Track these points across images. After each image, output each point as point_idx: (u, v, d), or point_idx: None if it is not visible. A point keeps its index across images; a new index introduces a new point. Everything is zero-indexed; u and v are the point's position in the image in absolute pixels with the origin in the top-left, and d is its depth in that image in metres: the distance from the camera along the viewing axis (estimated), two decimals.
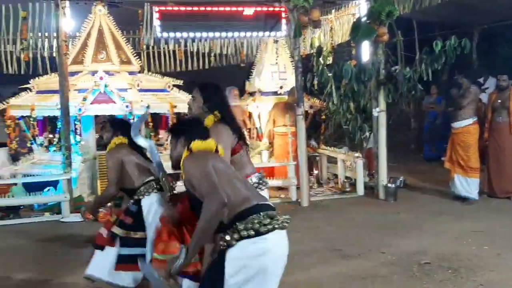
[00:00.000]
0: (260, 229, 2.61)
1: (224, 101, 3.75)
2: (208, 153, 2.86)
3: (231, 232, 2.63)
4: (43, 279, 4.93)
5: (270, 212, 2.69)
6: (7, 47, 9.12)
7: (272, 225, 2.65)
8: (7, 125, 8.35)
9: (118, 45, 8.88)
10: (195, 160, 2.78)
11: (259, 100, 9.43)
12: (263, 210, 2.67)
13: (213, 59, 10.18)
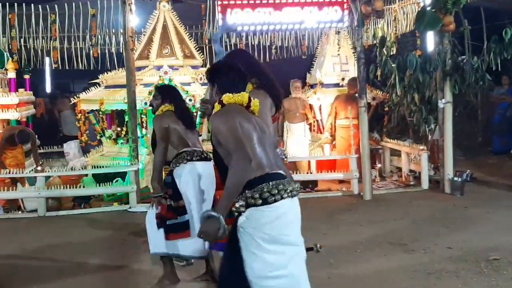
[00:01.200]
0: (268, 198, 2.63)
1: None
2: (237, 109, 2.78)
3: (240, 199, 2.64)
4: (113, 265, 5.14)
5: (280, 181, 2.69)
6: (78, 44, 9.49)
7: (280, 194, 2.65)
8: (78, 118, 8.74)
9: (181, 40, 9.08)
10: (223, 115, 2.74)
11: (320, 92, 9.37)
12: (273, 179, 2.68)
13: (275, 52, 10.18)
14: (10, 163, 7.64)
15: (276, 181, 2.68)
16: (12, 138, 7.59)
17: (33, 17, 8.64)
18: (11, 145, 7.71)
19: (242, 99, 2.81)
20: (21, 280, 4.75)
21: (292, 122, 8.74)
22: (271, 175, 2.70)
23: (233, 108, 2.78)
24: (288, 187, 2.71)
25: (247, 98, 2.83)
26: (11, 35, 8.68)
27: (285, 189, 2.69)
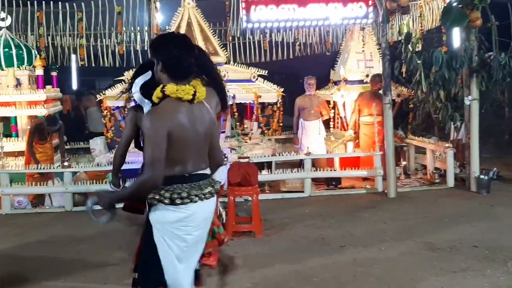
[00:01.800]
0: (176, 200, 2.67)
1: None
2: (171, 110, 2.64)
3: (155, 193, 2.69)
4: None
5: (195, 184, 2.73)
6: (104, 41, 9.61)
7: (190, 198, 2.69)
8: (103, 115, 8.85)
9: (205, 37, 9.11)
10: (156, 119, 2.60)
11: (344, 89, 9.32)
12: (190, 181, 2.72)
13: (298, 49, 10.16)
14: (40, 158, 7.76)
15: (191, 184, 2.72)
16: (41, 127, 7.68)
17: (61, 15, 8.78)
18: (40, 138, 7.80)
19: (186, 94, 2.67)
20: (48, 273, 4.83)
21: (307, 120, 8.70)
22: (189, 176, 2.73)
23: (169, 109, 2.64)
24: (203, 190, 2.75)
25: (191, 93, 2.68)
26: (39, 33, 8.83)
27: (197, 194, 2.71)
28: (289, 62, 11.55)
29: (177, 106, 2.66)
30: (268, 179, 7.93)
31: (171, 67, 2.72)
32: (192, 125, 2.69)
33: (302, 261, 4.94)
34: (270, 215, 6.46)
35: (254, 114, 9.03)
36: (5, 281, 4.65)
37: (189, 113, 2.69)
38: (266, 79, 9.21)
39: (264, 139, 9.37)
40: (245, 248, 5.30)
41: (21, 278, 4.68)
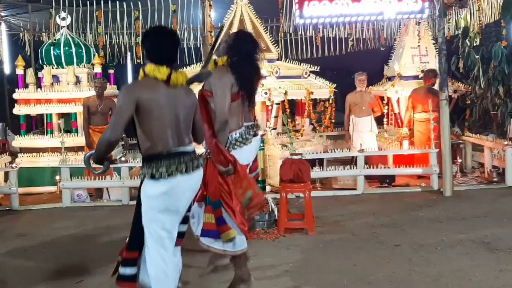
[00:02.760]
0: (155, 174, 3.01)
1: (247, 53, 3.85)
2: (146, 85, 3.05)
3: (141, 168, 3.13)
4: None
5: (174, 160, 3.03)
6: None
7: (168, 173, 3.01)
8: None
9: (258, 34, 9.13)
10: (126, 89, 3.08)
11: (398, 85, 9.15)
12: (169, 158, 3.03)
13: (351, 44, 10.05)
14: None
15: (170, 160, 3.03)
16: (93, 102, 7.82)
17: (118, 14, 9.02)
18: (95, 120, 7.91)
19: (161, 74, 3.03)
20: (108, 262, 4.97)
21: (358, 116, 8.57)
22: (169, 153, 3.04)
23: (142, 84, 3.08)
24: (183, 166, 3.05)
25: (166, 74, 3.03)
26: (98, 32, 9.12)
27: (177, 168, 3.02)
28: (342, 58, 11.44)
29: (152, 83, 3.04)
30: (320, 176, 7.90)
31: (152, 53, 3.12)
32: (168, 105, 3.05)
33: (355, 259, 4.90)
34: (322, 212, 6.44)
35: (305, 111, 9.01)
36: (68, 271, 4.84)
37: (167, 93, 3.05)
38: (318, 75, 9.16)
39: (316, 136, 9.33)
40: (297, 246, 5.30)
41: (83, 269, 4.86)
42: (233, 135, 3.88)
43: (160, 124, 3.03)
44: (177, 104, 3.09)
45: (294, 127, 9.04)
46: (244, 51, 3.89)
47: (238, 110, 3.90)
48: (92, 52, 9.09)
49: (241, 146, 3.91)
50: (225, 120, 3.73)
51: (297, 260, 4.87)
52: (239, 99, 3.86)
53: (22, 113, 8.82)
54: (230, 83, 3.77)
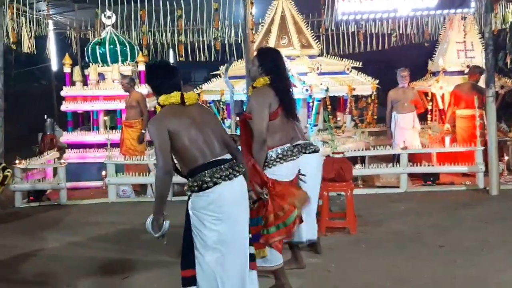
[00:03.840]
0: (202, 185, 3.14)
1: (277, 67, 4.04)
2: (167, 112, 3.25)
3: (186, 186, 3.24)
4: None
5: (216, 168, 3.17)
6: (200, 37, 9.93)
7: (213, 181, 3.13)
8: None
9: (299, 30, 9.14)
10: (153, 125, 3.24)
11: (443, 80, 8.96)
12: (210, 167, 3.17)
13: (394, 40, 9.90)
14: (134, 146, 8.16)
15: (212, 169, 3.17)
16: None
17: (161, 13, 9.17)
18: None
19: (174, 99, 3.25)
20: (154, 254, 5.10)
21: (400, 113, 8.41)
22: (208, 164, 3.19)
23: (167, 112, 3.26)
24: (225, 172, 3.18)
25: (178, 97, 3.24)
26: (142, 31, 9.30)
27: (220, 175, 3.16)
28: (384, 52, 11.28)
29: (172, 110, 3.25)
30: (362, 173, 7.82)
31: (160, 89, 3.33)
32: (191, 122, 3.23)
33: (398, 259, 4.86)
34: (364, 210, 6.38)
35: (347, 107, 8.94)
36: (115, 266, 4.98)
37: (186, 113, 3.25)
38: (360, 70, 9.08)
39: (358, 132, 9.26)
40: (339, 245, 5.29)
41: (129, 264, 5.00)
42: (274, 151, 3.95)
43: (190, 141, 3.19)
44: (197, 119, 3.26)
45: (335, 123, 8.99)
46: (279, 65, 4.09)
47: (280, 127, 3.97)
48: (136, 50, 9.27)
49: (281, 163, 3.97)
50: (263, 140, 3.82)
51: (339, 260, 4.87)
52: (281, 115, 3.94)
53: (69, 110, 9.09)
54: (268, 102, 3.87)
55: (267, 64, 4.04)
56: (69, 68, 9.18)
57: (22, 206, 7.51)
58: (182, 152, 3.20)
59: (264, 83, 3.97)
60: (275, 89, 3.93)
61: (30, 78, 15.18)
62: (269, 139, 3.89)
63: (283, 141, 4.02)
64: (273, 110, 3.88)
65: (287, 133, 4.07)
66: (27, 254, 5.35)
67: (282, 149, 4.00)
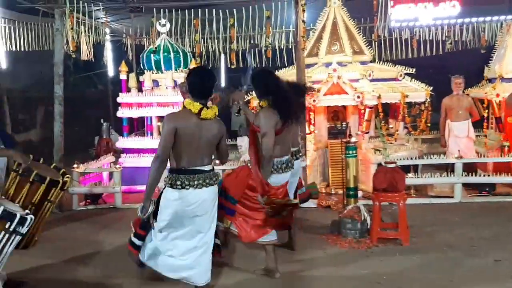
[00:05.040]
0: (173, 185, 3.90)
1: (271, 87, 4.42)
2: (183, 115, 3.89)
3: (166, 178, 3.98)
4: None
5: (189, 176, 3.87)
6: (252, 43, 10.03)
7: (182, 186, 3.86)
8: None
9: (351, 36, 9.08)
10: (167, 118, 3.88)
11: (500, 87, 8.69)
12: (185, 173, 3.88)
13: (450, 47, 9.67)
14: None
15: (186, 175, 3.87)
16: None
17: (214, 21, 9.32)
18: None
19: (194, 108, 3.86)
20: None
21: (454, 121, 8.20)
22: (186, 170, 3.89)
23: (182, 115, 3.93)
24: (196, 182, 3.88)
25: (198, 109, 3.85)
26: (195, 39, 9.47)
27: (190, 183, 3.87)
28: (438, 58, 11.03)
29: (187, 115, 3.88)
30: (415, 182, 7.69)
31: (191, 88, 3.97)
32: (196, 133, 3.86)
33: (452, 274, 4.76)
34: (416, 221, 6.28)
35: (400, 114, 8.81)
36: None
37: (196, 123, 3.87)
38: (413, 77, 8.93)
39: (410, 140, 9.11)
40: (391, 257, 5.23)
41: None
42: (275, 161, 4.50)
43: (186, 146, 3.85)
44: (203, 133, 3.90)
45: (387, 130, 8.87)
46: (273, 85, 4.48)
47: (282, 140, 4.50)
48: (189, 57, 9.45)
49: (279, 172, 4.57)
50: (270, 156, 4.35)
51: (390, 272, 4.81)
52: (283, 132, 4.45)
53: (125, 116, 9.35)
54: (274, 122, 4.36)
55: (261, 88, 4.51)
56: (125, 75, 9.45)
57: (79, 208, 7.81)
58: (175, 151, 3.86)
59: (267, 105, 4.45)
60: (276, 109, 4.39)
61: (88, 83, 15.71)
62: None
63: (282, 153, 4.60)
64: (278, 127, 4.39)
65: (287, 146, 4.65)
66: (84, 256, 5.55)
67: (281, 161, 4.58)
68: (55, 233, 6.30)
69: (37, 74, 12.63)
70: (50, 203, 4.38)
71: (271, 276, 4.75)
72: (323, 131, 8.71)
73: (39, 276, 4.98)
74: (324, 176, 8.61)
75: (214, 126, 3.97)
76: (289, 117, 4.44)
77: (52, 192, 4.35)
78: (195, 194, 3.90)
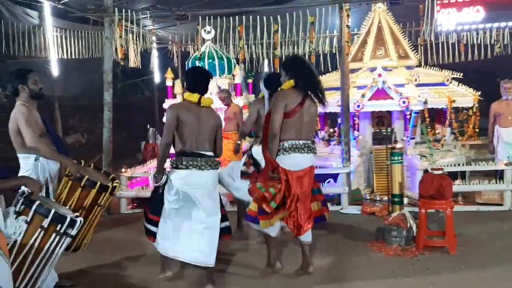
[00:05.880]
0: (178, 165, 4.40)
1: (299, 70, 4.60)
2: (183, 105, 4.44)
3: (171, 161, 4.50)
4: (324, 267, 5.33)
5: (191, 158, 4.36)
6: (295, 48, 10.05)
7: (185, 166, 4.35)
8: None
9: (396, 40, 8.98)
10: (170, 108, 4.47)
11: None
12: (187, 155, 4.37)
13: (499, 51, 9.41)
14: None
15: (189, 157, 4.35)
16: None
17: (258, 28, 9.39)
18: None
19: (193, 98, 4.39)
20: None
21: (503, 126, 7.93)
22: (190, 153, 4.37)
23: (181, 104, 4.51)
24: (198, 163, 4.36)
25: (197, 98, 4.39)
26: (240, 46, 9.58)
27: (193, 164, 4.35)
28: (486, 62, 10.75)
29: (188, 105, 4.42)
30: (462, 189, 7.52)
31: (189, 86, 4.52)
32: (196, 119, 4.36)
33: (501, 285, 4.63)
34: (464, 229, 6.13)
35: (447, 120, 8.64)
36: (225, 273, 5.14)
37: (196, 111, 4.39)
38: (461, 81, 8.74)
39: (458, 146, 8.91)
40: (437, 265, 5.11)
41: (224, 271, 5.14)
42: (285, 143, 4.57)
43: (188, 131, 4.34)
44: (202, 120, 4.39)
45: (434, 136, 8.73)
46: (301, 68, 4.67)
47: (293, 124, 4.55)
48: (233, 63, 9.56)
49: (289, 153, 4.58)
50: (274, 134, 4.50)
51: (437, 282, 4.71)
52: (297, 115, 4.52)
53: None
54: (283, 103, 4.50)
55: (290, 71, 4.65)
56: (170, 81, 9.65)
57: (126, 212, 8.00)
58: (179, 136, 4.37)
59: (289, 86, 4.58)
60: (300, 88, 4.55)
61: (135, 90, 16.11)
62: (285, 133, 4.54)
63: (295, 137, 4.60)
64: (289, 109, 4.49)
65: (304, 131, 4.64)
66: (130, 257, 5.68)
67: (292, 143, 4.58)
68: (103, 235, 6.47)
69: (87, 81, 13.04)
70: (100, 207, 4.51)
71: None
72: (367, 136, 8.63)
73: (88, 278, 5.13)
74: (368, 182, 8.53)
75: (212, 115, 4.50)
76: (311, 89, 4.59)
77: (102, 197, 4.48)
78: (198, 175, 4.37)
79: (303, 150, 4.60)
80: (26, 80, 4.56)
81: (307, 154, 4.64)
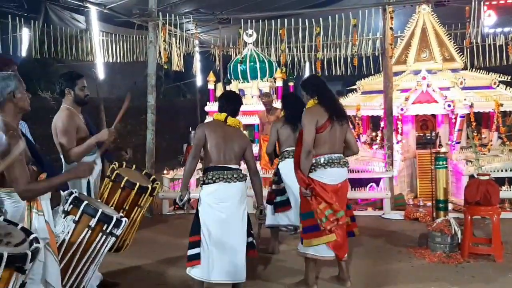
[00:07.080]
0: (206, 181, 4.39)
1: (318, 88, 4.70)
2: (212, 123, 4.57)
3: (200, 178, 4.62)
4: (362, 274, 5.28)
5: (218, 172, 4.35)
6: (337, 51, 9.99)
7: (213, 180, 4.33)
8: None
9: (441, 43, 8.81)
10: (199, 126, 4.56)
11: None
12: (215, 170, 4.36)
13: None
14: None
15: (217, 171, 4.35)
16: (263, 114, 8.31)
17: (300, 31, 9.39)
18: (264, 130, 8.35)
19: (221, 117, 4.52)
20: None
21: None
22: (215, 167, 4.37)
23: (210, 123, 4.65)
24: (225, 176, 4.34)
25: (223, 117, 4.50)
26: (281, 49, 9.59)
27: (219, 177, 4.33)
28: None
29: (216, 123, 4.55)
30: (510, 196, 7.29)
31: (219, 107, 4.64)
32: (222, 136, 4.43)
33: None
34: (511, 236, 5.94)
35: (494, 124, 8.41)
36: (250, 271, 5.16)
37: (223, 129, 4.47)
38: (509, 84, 8.49)
39: (505, 150, 8.64)
40: (483, 274, 4.97)
41: (258, 272, 5.15)
42: (321, 158, 4.59)
43: (215, 147, 4.40)
44: (228, 137, 4.44)
45: (480, 141, 8.50)
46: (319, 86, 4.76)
47: (326, 139, 4.60)
48: (274, 66, 9.57)
49: (325, 168, 4.60)
50: (308, 151, 4.51)
51: None
52: (327, 129, 4.57)
53: None
54: (315, 120, 4.55)
55: (310, 90, 4.74)
56: (212, 84, 9.73)
57: (168, 213, 8.12)
58: (206, 152, 4.42)
59: (313, 103, 4.66)
60: (323, 106, 4.61)
61: (177, 93, 16.31)
62: (319, 148, 4.58)
63: (328, 152, 4.63)
64: (320, 124, 4.55)
65: (337, 145, 4.69)
66: (172, 258, 5.76)
67: (325, 158, 4.61)
68: (145, 236, 6.58)
69: (131, 84, 13.30)
70: (140, 208, 4.54)
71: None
72: (411, 140, 8.49)
73: (130, 277, 5.24)
74: (411, 187, 8.38)
75: (239, 134, 4.56)
76: (334, 111, 4.64)
77: (142, 198, 4.53)
78: (225, 188, 4.35)
79: (339, 164, 4.64)
80: (74, 85, 4.57)
81: (342, 168, 4.67)
